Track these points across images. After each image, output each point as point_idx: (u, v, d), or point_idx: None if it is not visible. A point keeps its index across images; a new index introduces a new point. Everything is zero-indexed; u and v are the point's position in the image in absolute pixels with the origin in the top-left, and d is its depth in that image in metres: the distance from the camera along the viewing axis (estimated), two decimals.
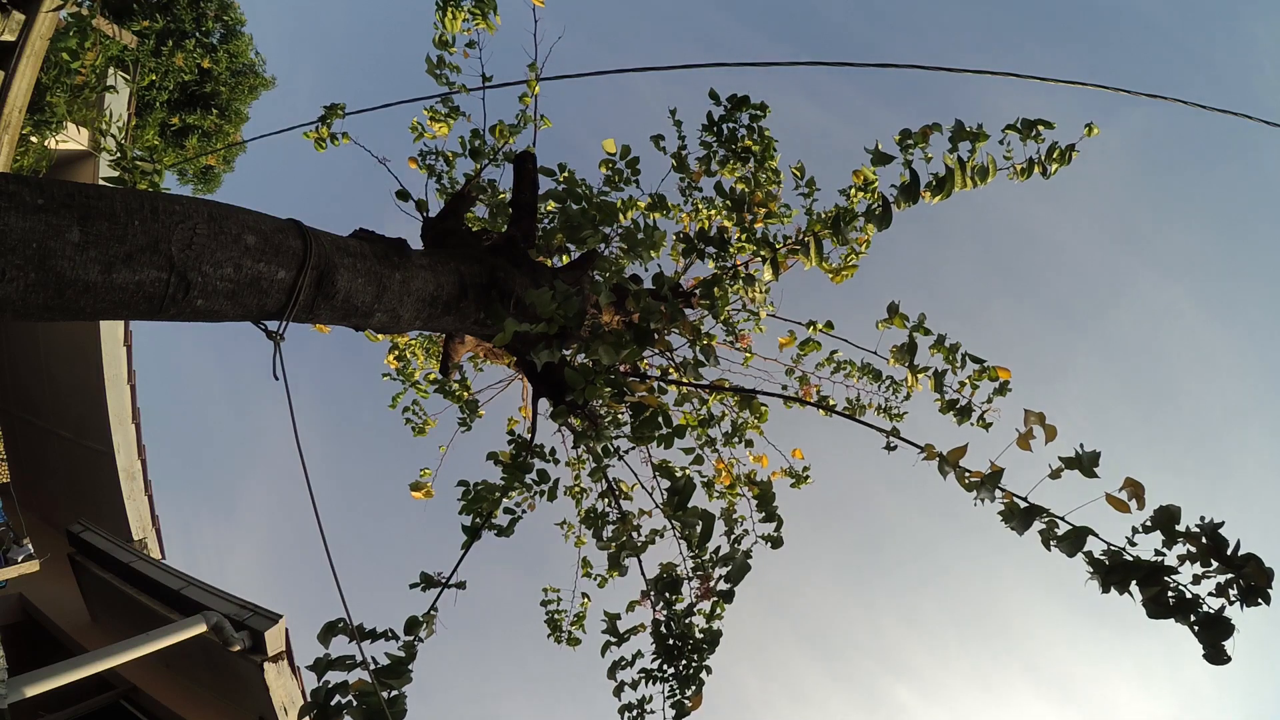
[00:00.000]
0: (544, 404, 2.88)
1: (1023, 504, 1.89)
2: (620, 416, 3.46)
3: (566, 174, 3.23)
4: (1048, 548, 1.83)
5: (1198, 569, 1.58)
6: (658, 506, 3.09)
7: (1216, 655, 1.50)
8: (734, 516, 3.08)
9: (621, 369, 2.58)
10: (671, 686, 2.81)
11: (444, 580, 2.40)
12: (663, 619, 2.88)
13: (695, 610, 2.94)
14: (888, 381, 3.78)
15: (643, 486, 3.44)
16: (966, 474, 2.03)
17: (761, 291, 3.38)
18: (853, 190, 2.92)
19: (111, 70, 8.48)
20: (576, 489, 3.97)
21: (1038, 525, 1.86)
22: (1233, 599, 1.51)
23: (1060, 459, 1.87)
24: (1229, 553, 1.53)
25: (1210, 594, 1.56)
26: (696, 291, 3.44)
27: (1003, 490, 1.94)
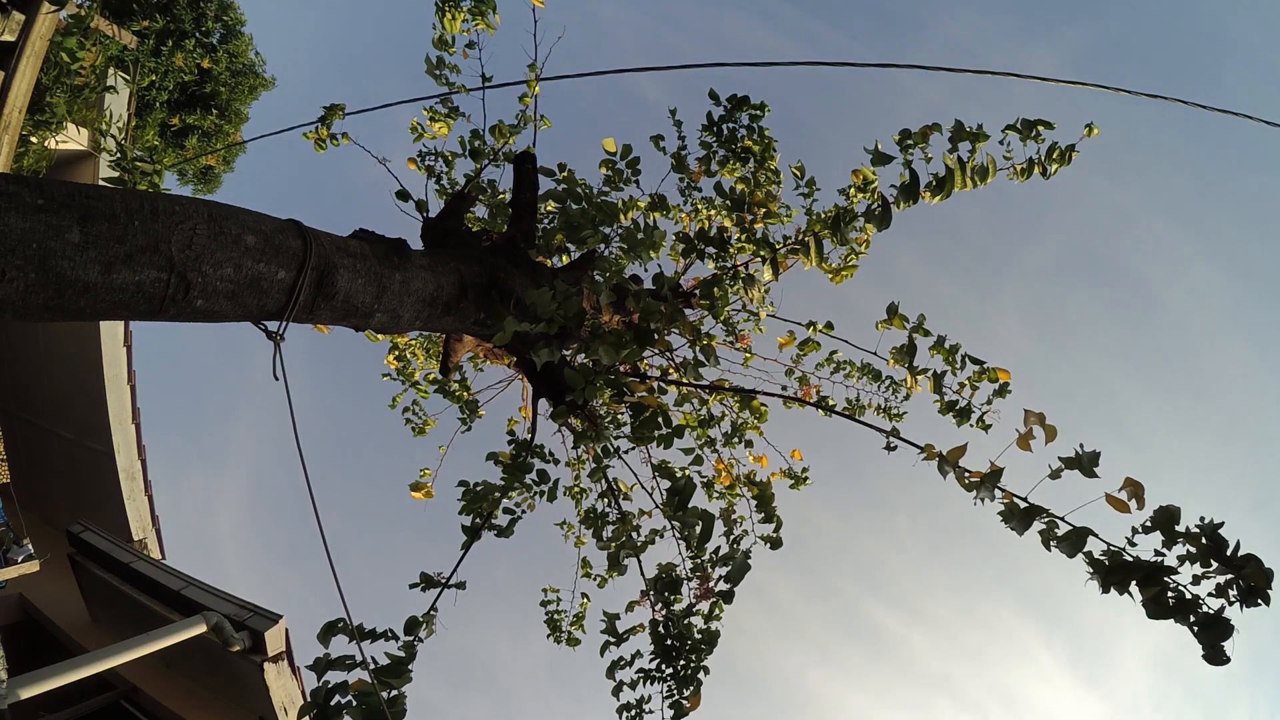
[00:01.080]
0: (544, 404, 2.88)
1: (1022, 504, 1.90)
2: (620, 416, 3.46)
3: (566, 174, 3.23)
4: (1048, 548, 1.83)
5: (1197, 569, 1.59)
6: (658, 506, 3.09)
7: (1216, 656, 1.50)
8: (733, 517, 3.08)
9: (621, 369, 2.58)
10: (670, 686, 2.81)
11: (444, 580, 2.41)
12: (661, 619, 2.88)
13: (694, 610, 2.94)
14: (887, 382, 3.78)
15: (643, 486, 3.44)
16: (966, 474, 2.03)
17: (761, 292, 3.38)
18: (852, 190, 2.92)
19: (111, 70, 8.48)
20: (576, 489, 3.97)
21: (1038, 525, 1.86)
22: (1232, 599, 1.51)
23: (1060, 459, 1.87)
24: (1229, 553, 1.53)
25: (1210, 594, 1.56)
26: (696, 291, 3.44)
27: (1002, 490, 1.94)
